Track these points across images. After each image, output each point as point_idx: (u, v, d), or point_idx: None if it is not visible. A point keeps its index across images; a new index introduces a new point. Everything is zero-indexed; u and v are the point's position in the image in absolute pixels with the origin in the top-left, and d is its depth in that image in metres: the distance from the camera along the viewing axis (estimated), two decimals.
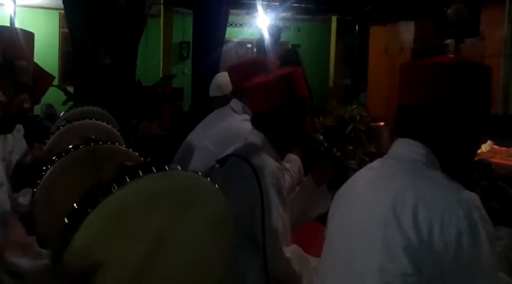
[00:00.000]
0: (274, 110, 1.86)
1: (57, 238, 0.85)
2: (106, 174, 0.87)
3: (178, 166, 0.92)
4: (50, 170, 1.27)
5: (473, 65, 1.32)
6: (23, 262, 1.45)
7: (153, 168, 0.87)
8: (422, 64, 1.41)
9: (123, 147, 1.34)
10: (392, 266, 1.15)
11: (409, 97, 1.33)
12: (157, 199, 0.90)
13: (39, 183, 1.30)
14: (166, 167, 0.89)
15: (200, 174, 0.96)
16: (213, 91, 3.17)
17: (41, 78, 2.30)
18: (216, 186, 0.98)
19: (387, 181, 1.28)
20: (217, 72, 3.51)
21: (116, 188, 0.83)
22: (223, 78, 3.12)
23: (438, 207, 1.14)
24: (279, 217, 1.74)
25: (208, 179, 0.97)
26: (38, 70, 2.20)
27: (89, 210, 0.82)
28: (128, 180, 0.84)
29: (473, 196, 1.18)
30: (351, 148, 3.94)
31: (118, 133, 1.87)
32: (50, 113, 6.88)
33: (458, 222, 1.11)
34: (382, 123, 4.73)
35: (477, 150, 1.39)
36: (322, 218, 1.70)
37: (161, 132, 6.67)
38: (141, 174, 0.85)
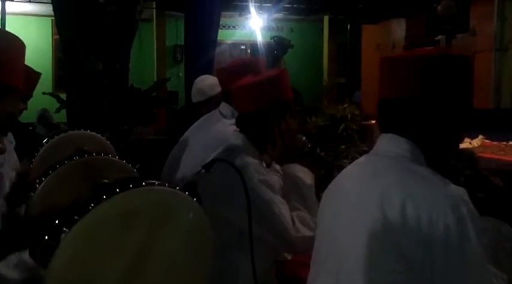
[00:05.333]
0: (258, 111, 1.85)
1: (39, 256, 0.88)
2: (84, 192, 0.89)
3: (156, 182, 0.94)
4: (43, 183, 1.27)
5: (452, 56, 1.29)
6: (12, 274, 1.46)
7: (130, 184, 0.89)
8: (401, 58, 1.39)
9: (117, 159, 1.35)
10: (382, 263, 1.15)
11: (390, 91, 1.31)
12: (134, 215, 0.92)
13: (32, 195, 1.30)
14: (143, 183, 0.91)
15: (177, 188, 0.98)
16: (195, 97, 3.15)
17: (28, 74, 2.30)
18: (192, 197, 1.00)
19: (374, 178, 1.27)
20: (210, 74, 3.48)
21: (92, 206, 0.85)
22: (202, 82, 3.15)
23: (426, 203, 1.13)
24: (279, 207, 1.73)
25: (186, 193, 0.99)
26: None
27: (66, 229, 0.84)
28: (104, 198, 0.86)
29: (460, 191, 1.17)
30: (343, 147, 3.94)
31: (110, 144, 1.87)
32: (45, 116, 6.77)
33: (446, 217, 1.11)
34: (373, 121, 4.74)
35: (460, 142, 1.38)
36: None
37: (154, 136, 6.65)
38: (117, 191, 0.87)
